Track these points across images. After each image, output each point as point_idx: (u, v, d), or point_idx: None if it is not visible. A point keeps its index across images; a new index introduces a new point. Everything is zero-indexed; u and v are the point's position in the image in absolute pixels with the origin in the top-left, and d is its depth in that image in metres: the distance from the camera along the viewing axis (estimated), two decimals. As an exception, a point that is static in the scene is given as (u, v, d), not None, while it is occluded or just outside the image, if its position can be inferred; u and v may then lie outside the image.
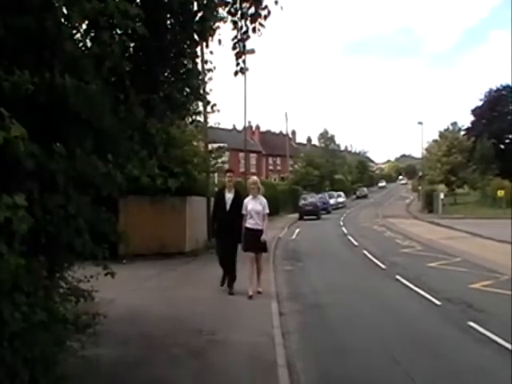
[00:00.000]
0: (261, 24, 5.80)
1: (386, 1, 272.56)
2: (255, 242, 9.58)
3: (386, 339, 7.25)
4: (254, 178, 10.79)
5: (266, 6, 5.73)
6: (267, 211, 9.85)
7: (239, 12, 5.77)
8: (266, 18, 5.75)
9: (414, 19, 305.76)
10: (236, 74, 6.27)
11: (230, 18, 5.84)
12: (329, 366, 6.26)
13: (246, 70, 6.50)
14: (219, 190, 10.75)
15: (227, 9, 5.77)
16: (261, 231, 9.65)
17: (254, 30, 5.84)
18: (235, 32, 5.97)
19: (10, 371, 3.09)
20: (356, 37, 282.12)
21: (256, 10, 5.69)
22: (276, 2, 5.74)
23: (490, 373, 5.93)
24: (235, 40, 6.03)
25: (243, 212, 9.71)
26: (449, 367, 6.13)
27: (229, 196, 9.96)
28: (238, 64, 6.22)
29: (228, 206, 9.90)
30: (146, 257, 14.33)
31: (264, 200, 9.89)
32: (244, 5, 5.72)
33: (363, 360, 6.44)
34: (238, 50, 6.10)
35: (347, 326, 8.16)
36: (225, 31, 6.05)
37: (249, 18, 5.75)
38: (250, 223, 9.68)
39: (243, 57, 6.21)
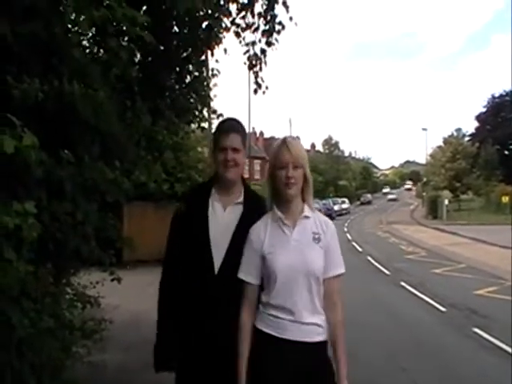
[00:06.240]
0: (275, 39, 5.78)
1: (390, 6, 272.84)
2: None
3: (391, 345, 7.23)
4: (295, 141, 2.49)
5: (280, 22, 5.72)
6: (342, 270, 2.53)
7: (253, 27, 5.73)
8: (279, 32, 5.73)
9: (417, 24, 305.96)
10: (256, 92, 6.15)
11: (233, 28, 5.83)
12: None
13: (267, 88, 6.11)
14: (185, 197, 3.06)
15: (231, 19, 5.78)
16: (318, 349, 2.55)
17: (269, 44, 5.82)
18: (250, 48, 5.92)
19: (17, 377, 3.10)
20: (360, 42, 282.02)
21: (273, 25, 5.68)
22: (291, 18, 5.71)
23: (495, 379, 5.92)
24: (247, 54, 5.97)
25: (246, 279, 2.46)
26: (453, 373, 6.12)
27: (225, 217, 2.65)
28: (257, 82, 6.10)
29: (222, 255, 2.56)
30: (149, 263, 14.28)
31: (332, 226, 2.54)
32: (260, 21, 5.70)
33: (367, 366, 6.42)
34: (256, 67, 6.01)
35: (351, 333, 8.06)
36: (230, 41, 6.04)
37: (266, 34, 5.73)
38: (274, 318, 2.40)
39: (261, 73, 6.09)
